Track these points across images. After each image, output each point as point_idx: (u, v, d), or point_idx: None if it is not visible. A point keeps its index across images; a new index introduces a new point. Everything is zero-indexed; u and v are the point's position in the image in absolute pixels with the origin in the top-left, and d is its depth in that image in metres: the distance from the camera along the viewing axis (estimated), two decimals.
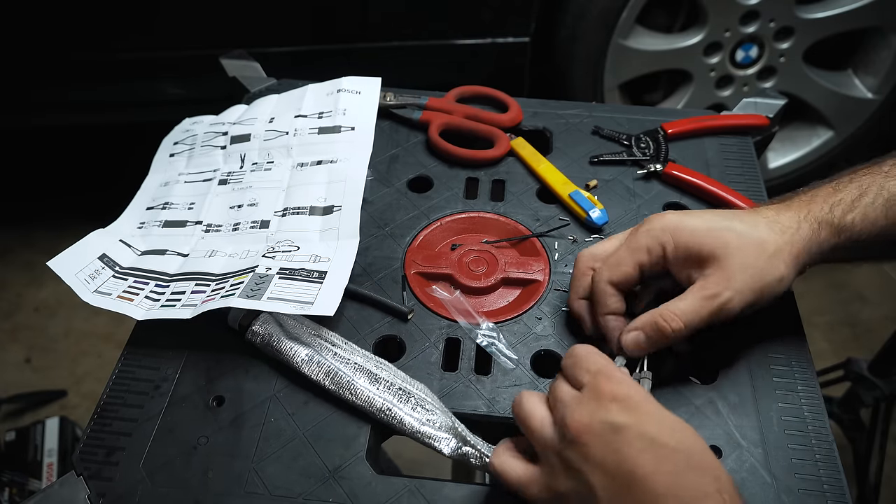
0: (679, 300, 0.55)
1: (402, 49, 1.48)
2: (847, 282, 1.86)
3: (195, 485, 0.53)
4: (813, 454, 0.54)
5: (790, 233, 0.55)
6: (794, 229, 0.56)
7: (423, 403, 0.56)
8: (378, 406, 0.55)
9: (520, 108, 0.84)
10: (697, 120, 0.82)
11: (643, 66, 1.63)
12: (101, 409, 0.58)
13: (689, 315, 0.54)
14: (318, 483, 0.53)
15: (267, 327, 0.60)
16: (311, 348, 0.59)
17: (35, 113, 1.63)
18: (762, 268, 0.54)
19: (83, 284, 0.64)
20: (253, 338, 0.60)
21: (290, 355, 0.58)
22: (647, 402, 0.45)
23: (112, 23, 1.42)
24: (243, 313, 0.61)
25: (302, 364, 0.58)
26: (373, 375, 0.57)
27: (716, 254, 0.54)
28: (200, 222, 0.72)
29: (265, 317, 0.60)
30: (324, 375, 0.57)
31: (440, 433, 0.55)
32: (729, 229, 0.55)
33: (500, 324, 0.64)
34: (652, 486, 0.41)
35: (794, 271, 0.56)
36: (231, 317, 0.61)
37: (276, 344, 0.59)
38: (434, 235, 0.72)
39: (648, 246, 0.56)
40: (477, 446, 0.53)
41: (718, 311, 0.54)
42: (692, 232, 0.55)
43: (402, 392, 0.56)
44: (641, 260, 0.57)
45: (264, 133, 0.78)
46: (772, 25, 1.62)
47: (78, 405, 1.62)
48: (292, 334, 0.60)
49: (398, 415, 0.55)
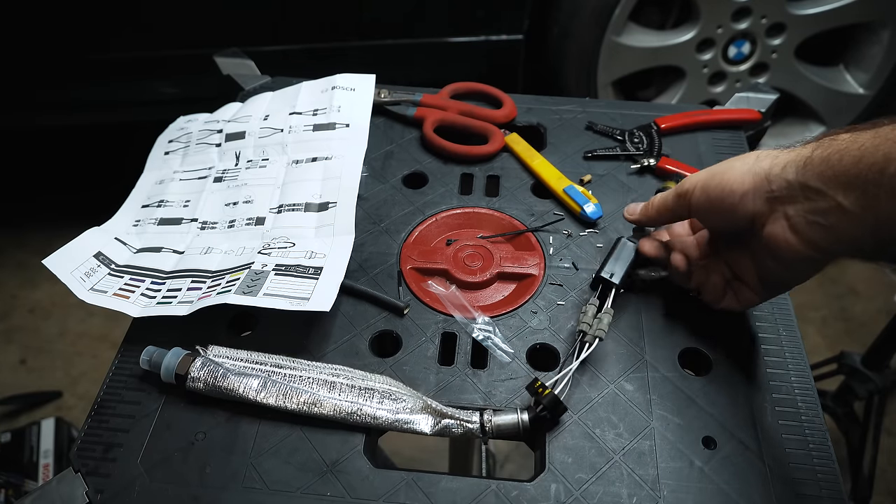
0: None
1: (397, 47, 1.48)
2: (840, 277, 1.87)
3: (193, 480, 0.53)
4: (807, 444, 0.55)
5: (770, 158, 0.53)
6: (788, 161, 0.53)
7: (388, 395, 0.56)
8: (347, 410, 0.55)
9: (514, 104, 0.84)
10: (690, 115, 0.83)
11: (636, 62, 1.63)
12: (98, 405, 0.58)
13: (657, 200, 0.62)
14: (316, 477, 0.53)
15: (207, 370, 0.56)
16: (261, 378, 0.57)
17: (29, 113, 1.62)
18: (723, 171, 0.55)
19: (79, 283, 0.64)
20: (195, 385, 0.56)
21: (242, 390, 0.56)
22: None
23: (106, 22, 1.42)
24: (178, 362, 0.57)
25: (256, 394, 0.56)
26: (330, 384, 0.57)
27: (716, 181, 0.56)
28: (196, 220, 0.72)
29: (202, 361, 0.57)
30: (282, 398, 0.55)
31: (416, 416, 0.55)
32: (729, 167, 0.55)
33: (496, 318, 0.64)
34: None
35: (757, 189, 0.52)
36: (164, 371, 0.57)
37: (222, 383, 0.56)
38: (429, 231, 0.72)
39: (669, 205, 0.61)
40: (455, 415, 0.55)
41: (675, 198, 0.59)
42: (699, 176, 0.58)
43: (364, 391, 0.56)
44: (665, 213, 0.62)
45: (259, 130, 0.78)
46: (764, 22, 1.63)
47: (73, 406, 1.62)
48: (236, 371, 0.57)
49: (369, 411, 0.55)
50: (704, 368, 0.61)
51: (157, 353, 0.58)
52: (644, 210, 0.64)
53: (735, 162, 0.55)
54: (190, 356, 0.58)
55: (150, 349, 0.58)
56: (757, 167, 0.53)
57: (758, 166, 0.53)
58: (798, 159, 0.50)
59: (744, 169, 0.53)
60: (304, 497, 0.52)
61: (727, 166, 0.55)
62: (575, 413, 0.57)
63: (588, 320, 0.59)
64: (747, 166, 0.54)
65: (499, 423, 0.55)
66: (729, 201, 0.54)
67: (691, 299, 0.64)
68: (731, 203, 0.54)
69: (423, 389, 0.58)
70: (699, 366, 0.61)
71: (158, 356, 0.58)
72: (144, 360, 0.58)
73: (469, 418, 0.55)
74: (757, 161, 0.53)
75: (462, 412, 0.55)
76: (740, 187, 0.53)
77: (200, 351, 0.59)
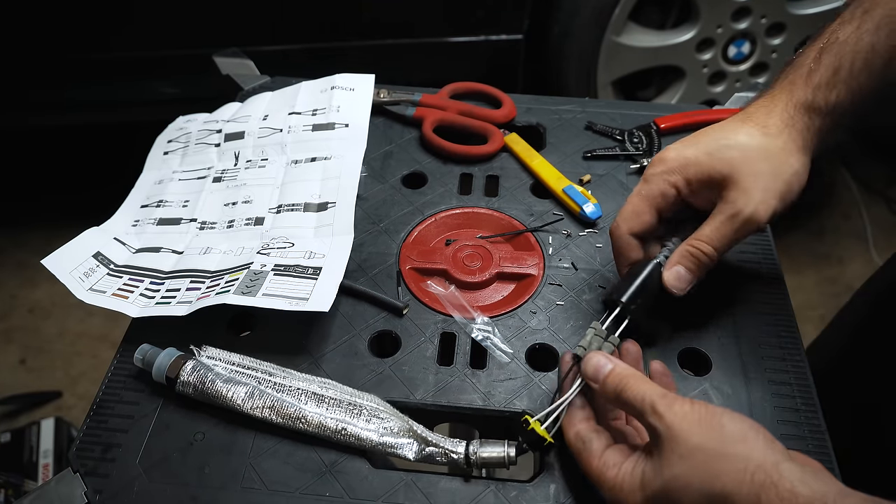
0: (704, 226, 0.56)
1: (397, 47, 1.48)
2: (838, 276, 1.87)
3: (192, 480, 0.53)
4: (806, 444, 0.55)
5: (786, 130, 0.55)
6: (789, 125, 0.55)
7: (375, 413, 0.55)
8: (332, 427, 0.54)
9: (513, 104, 0.84)
10: (690, 115, 0.83)
11: (636, 62, 1.63)
12: (97, 406, 0.58)
13: (717, 238, 0.55)
14: (315, 477, 0.53)
15: (197, 374, 0.56)
16: (249, 386, 0.56)
17: (28, 113, 1.62)
18: (774, 171, 0.54)
19: (78, 283, 0.64)
20: (184, 388, 0.56)
21: (228, 398, 0.55)
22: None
23: (105, 22, 1.42)
24: (170, 363, 0.57)
25: (244, 403, 0.55)
26: (318, 396, 0.56)
27: (726, 175, 0.55)
28: (195, 220, 0.72)
29: (193, 364, 0.57)
30: (268, 410, 0.55)
31: (400, 440, 0.54)
32: (730, 147, 0.55)
33: (495, 318, 0.64)
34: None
35: (805, 161, 0.55)
36: (156, 371, 0.57)
37: (210, 389, 0.55)
38: (428, 231, 0.72)
39: (662, 190, 0.57)
40: (440, 444, 0.53)
41: (744, 227, 0.55)
42: (697, 163, 0.56)
43: (352, 406, 0.56)
44: (659, 205, 0.57)
45: (258, 130, 0.78)
46: (763, 22, 1.63)
47: (73, 406, 1.62)
48: (226, 377, 0.57)
49: (354, 431, 0.54)
50: (704, 368, 0.60)
51: (150, 351, 0.58)
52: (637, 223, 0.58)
53: (731, 139, 0.55)
54: (182, 358, 0.57)
55: (144, 347, 0.58)
56: (770, 142, 0.55)
57: (771, 142, 0.55)
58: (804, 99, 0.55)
59: (762, 150, 0.54)
60: (302, 497, 0.52)
61: (721, 147, 0.55)
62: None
63: (585, 344, 0.54)
64: (757, 141, 0.55)
65: (484, 455, 0.52)
66: (790, 190, 0.55)
67: (691, 299, 0.63)
68: (792, 191, 0.55)
69: (422, 390, 0.58)
70: (699, 366, 0.61)
71: (151, 355, 0.57)
72: (138, 359, 0.58)
73: (454, 448, 0.53)
74: (763, 134, 0.55)
75: (448, 441, 0.53)
76: (790, 166, 0.54)
77: (195, 351, 0.58)
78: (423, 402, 0.58)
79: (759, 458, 0.42)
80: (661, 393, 0.46)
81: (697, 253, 0.56)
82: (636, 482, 0.46)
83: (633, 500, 0.46)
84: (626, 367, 0.50)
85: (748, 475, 0.41)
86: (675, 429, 0.44)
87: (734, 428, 0.44)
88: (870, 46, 0.54)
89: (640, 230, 0.58)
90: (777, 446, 0.44)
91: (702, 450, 0.43)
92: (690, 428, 0.44)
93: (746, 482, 0.41)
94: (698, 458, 0.43)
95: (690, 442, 0.43)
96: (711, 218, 0.56)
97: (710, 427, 0.44)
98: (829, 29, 0.57)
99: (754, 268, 0.68)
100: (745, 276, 0.67)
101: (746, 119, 0.57)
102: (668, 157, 0.57)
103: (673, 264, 0.57)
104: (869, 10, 0.55)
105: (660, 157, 0.57)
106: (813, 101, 0.55)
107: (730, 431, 0.44)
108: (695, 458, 0.43)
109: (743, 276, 0.67)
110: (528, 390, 0.59)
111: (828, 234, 1.99)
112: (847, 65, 0.55)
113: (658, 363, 0.56)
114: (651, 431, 0.46)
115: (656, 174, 0.57)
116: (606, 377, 0.49)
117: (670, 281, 0.56)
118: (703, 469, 0.43)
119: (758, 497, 0.41)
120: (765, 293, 0.66)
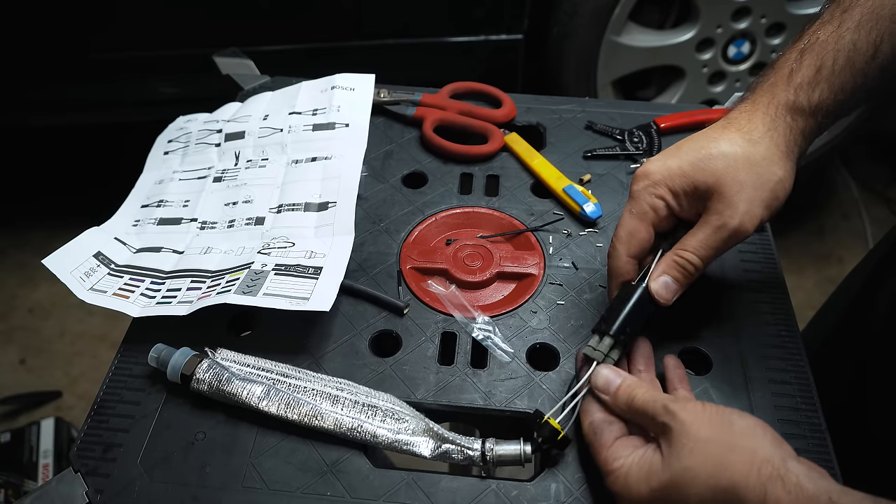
0: (690, 236, 0.55)
1: (397, 47, 1.48)
2: (838, 277, 1.87)
3: (193, 480, 0.53)
4: (806, 443, 0.55)
5: (769, 134, 0.55)
6: (771, 129, 0.55)
7: (391, 414, 0.55)
8: (347, 426, 0.54)
9: (513, 104, 0.84)
10: (689, 114, 0.83)
11: (636, 62, 1.63)
12: (98, 405, 0.58)
13: (702, 249, 0.55)
14: (316, 477, 0.53)
15: (213, 373, 0.56)
16: (265, 385, 0.56)
17: (28, 112, 1.62)
18: (759, 180, 0.53)
19: (78, 282, 0.64)
20: (199, 386, 0.56)
21: (244, 396, 0.55)
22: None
23: (105, 22, 1.42)
24: (185, 362, 0.57)
25: (259, 402, 0.55)
26: (334, 397, 0.56)
27: (711, 186, 0.54)
28: (195, 219, 0.72)
29: (208, 363, 0.57)
30: (284, 407, 0.55)
31: (416, 438, 0.54)
32: (712, 157, 0.54)
33: (496, 318, 0.64)
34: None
35: (790, 167, 0.55)
36: (171, 370, 0.57)
37: (226, 387, 0.56)
38: (429, 231, 0.72)
39: (652, 205, 0.56)
40: (456, 441, 0.53)
41: (730, 239, 0.54)
42: (682, 174, 0.55)
43: (367, 408, 0.56)
44: (653, 221, 0.57)
45: (258, 130, 0.78)
46: (763, 21, 1.63)
47: (73, 406, 1.62)
48: (241, 376, 0.57)
49: (369, 429, 0.54)
50: (704, 368, 0.61)
51: (165, 350, 0.58)
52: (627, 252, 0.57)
53: (714, 148, 0.55)
54: (197, 357, 0.57)
55: (159, 346, 0.58)
56: (753, 150, 0.54)
57: (754, 150, 0.54)
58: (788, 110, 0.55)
59: (745, 159, 0.54)
60: (304, 497, 0.52)
61: (704, 157, 0.55)
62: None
63: (594, 344, 0.55)
64: (740, 149, 0.54)
65: (500, 452, 0.53)
66: (776, 198, 0.54)
67: (690, 299, 0.63)
68: (778, 199, 0.55)
69: (422, 389, 0.58)
70: (699, 366, 0.61)
71: (167, 354, 0.58)
72: (153, 358, 0.58)
73: (470, 445, 0.53)
74: (747, 141, 0.54)
75: (464, 439, 0.54)
76: (774, 175, 0.54)
77: (209, 353, 0.59)
78: (424, 401, 0.58)
79: (767, 452, 0.43)
80: (673, 397, 0.49)
81: (684, 263, 0.55)
82: (643, 474, 0.47)
83: (639, 492, 0.46)
84: (634, 379, 0.52)
85: (755, 468, 0.42)
86: (686, 424, 0.46)
87: (743, 424, 0.45)
88: (851, 44, 0.54)
89: (638, 252, 0.57)
90: (785, 445, 0.45)
91: (711, 442, 0.44)
92: (701, 424, 0.45)
93: (753, 475, 0.42)
94: (707, 451, 0.44)
95: (700, 436, 0.45)
96: (698, 228, 0.55)
97: (720, 423, 0.45)
98: (810, 30, 0.56)
99: (754, 267, 0.68)
100: (745, 276, 0.68)
101: (728, 125, 0.56)
102: (652, 171, 0.56)
103: (660, 273, 0.56)
104: (848, 9, 0.55)
105: (643, 172, 0.57)
106: (795, 102, 0.55)
107: (739, 427, 0.45)
108: (704, 451, 0.44)
109: (743, 275, 0.68)
110: (528, 390, 0.59)
111: (828, 234, 1.99)
112: (829, 63, 0.54)
113: (672, 357, 0.58)
114: (662, 429, 0.47)
115: (641, 189, 0.56)
116: (617, 391, 0.52)
117: (658, 291, 0.56)
118: (712, 462, 0.44)
119: (764, 489, 0.41)
120: (765, 293, 0.66)
